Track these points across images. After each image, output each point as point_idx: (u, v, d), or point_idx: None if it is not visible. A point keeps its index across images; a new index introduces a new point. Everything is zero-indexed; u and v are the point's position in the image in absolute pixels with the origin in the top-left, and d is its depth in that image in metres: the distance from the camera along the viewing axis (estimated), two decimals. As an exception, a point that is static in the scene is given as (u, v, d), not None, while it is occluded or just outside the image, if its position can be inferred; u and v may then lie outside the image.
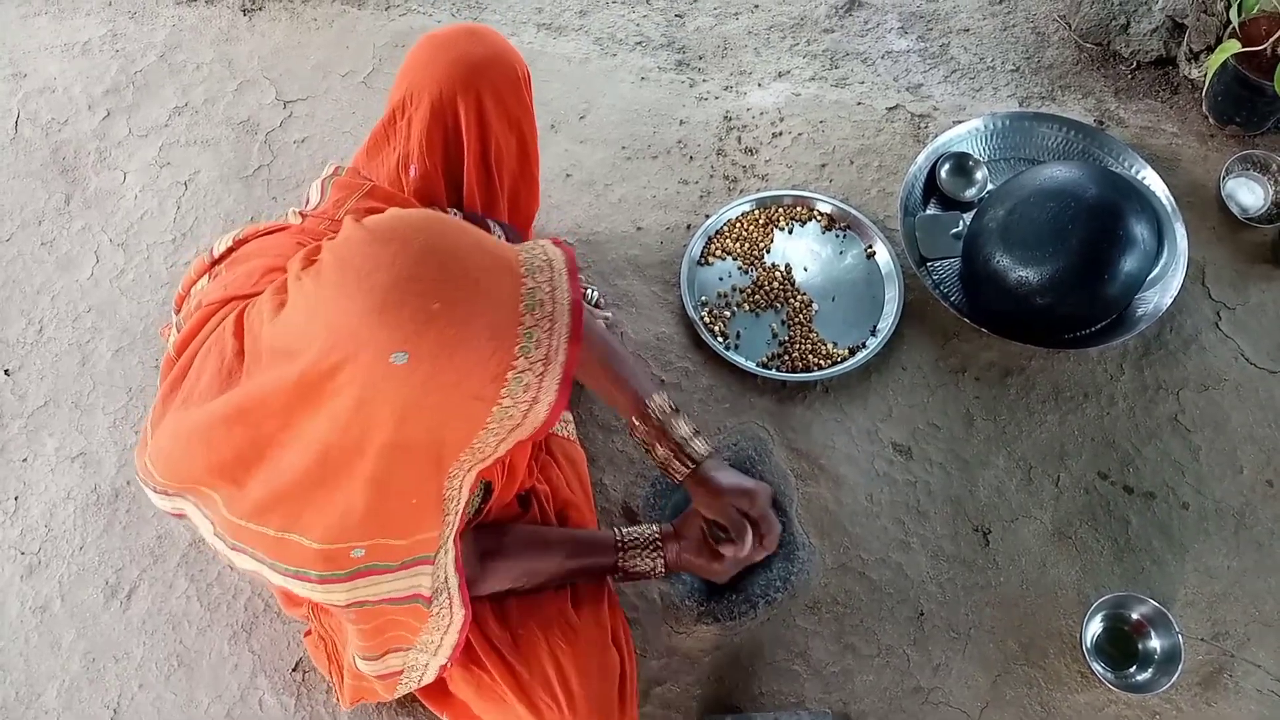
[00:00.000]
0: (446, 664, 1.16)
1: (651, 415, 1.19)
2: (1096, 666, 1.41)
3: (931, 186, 1.79)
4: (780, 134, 1.89)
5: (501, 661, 1.17)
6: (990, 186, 1.78)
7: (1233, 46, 1.62)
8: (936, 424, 1.61)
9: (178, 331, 1.15)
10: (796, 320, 1.68)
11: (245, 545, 0.97)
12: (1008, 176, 1.74)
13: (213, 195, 1.86)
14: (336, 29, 2.06)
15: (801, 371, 1.63)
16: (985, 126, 1.82)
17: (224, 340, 1.03)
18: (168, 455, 0.99)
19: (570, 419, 1.56)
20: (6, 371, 1.70)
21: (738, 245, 1.75)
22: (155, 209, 1.85)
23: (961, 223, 1.72)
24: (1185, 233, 1.66)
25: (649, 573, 1.26)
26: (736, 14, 2.09)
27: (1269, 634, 1.46)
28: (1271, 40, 1.67)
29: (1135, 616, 1.45)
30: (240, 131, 1.93)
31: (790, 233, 1.77)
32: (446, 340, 0.81)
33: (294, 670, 1.44)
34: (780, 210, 1.78)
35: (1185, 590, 1.49)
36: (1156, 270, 1.64)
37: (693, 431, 1.21)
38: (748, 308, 1.70)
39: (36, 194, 1.88)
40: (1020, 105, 1.93)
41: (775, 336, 1.68)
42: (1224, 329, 1.67)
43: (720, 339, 1.67)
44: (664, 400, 1.21)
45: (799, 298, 1.70)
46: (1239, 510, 1.54)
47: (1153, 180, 1.73)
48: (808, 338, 1.66)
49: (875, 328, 1.68)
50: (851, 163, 1.85)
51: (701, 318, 1.68)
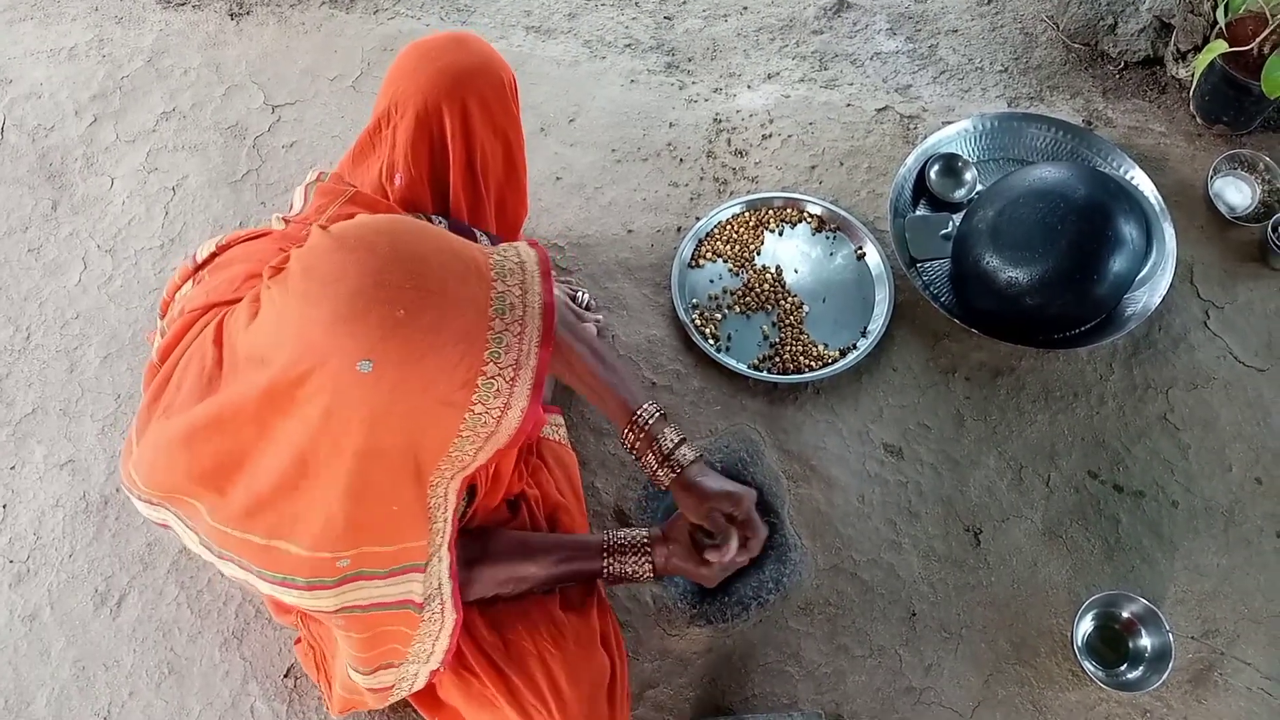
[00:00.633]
0: (438, 669, 1.16)
1: (639, 422, 1.19)
2: (1088, 665, 1.41)
3: (921, 187, 1.79)
4: (770, 136, 1.89)
5: (491, 666, 1.17)
6: (979, 187, 1.78)
7: (1220, 46, 1.63)
8: (927, 424, 1.61)
9: (161, 338, 1.15)
10: (787, 322, 1.68)
11: (232, 553, 0.97)
12: (997, 177, 1.74)
13: (201, 200, 1.85)
14: (324, 33, 2.05)
15: (793, 373, 1.63)
16: (974, 127, 1.82)
17: (204, 348, 1.03)
18: (150, 464, 0.98)
19: (561, 422, 1.55)
20: (-6, 379, 1.69)
21: (728, 247, 1.75)
22: (143, 214, 1.84)
23: (951, 224, 1.73)
24: (1174, 232, 1.67)
25: (637, 576, 1.25)
26: (725, 16, 2.09)
27: (1259, 631, 1.46)
28: (1258, 40, 1.68)
29: (1126, 615, 1.45)
30: (228, 136, 1.93)
31: (780, 234, 1.77)
32: (413, 347, 0.80)
33: (285, 677, 1.44)
34: (770, 212, 1.78)
35: (1175, 588, 1.49)
36: (1145, 270, 1.64)
37: (679, 438, 1.21)
38: (739, 310, 1.70)
39: (23, 200, 1.87)
40: (1009, 106, 1.93)
41: (766, 338, 1.68)
42: (1212, 328, 1.68)
43: (711, 341, 1.67)
44: (652, 408, 1.20)
45: (790, 299, 1.70)
46: (1228, 508, 1.54)
47: (1141, 180, 1.74)
48: (799, 339, 1.66)
49: (866, 329, 1.68)
50: (841, 164, 1.85)
51: (692, 320, 1.68)
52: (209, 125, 1.94)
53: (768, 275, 1.72)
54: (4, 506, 1.58)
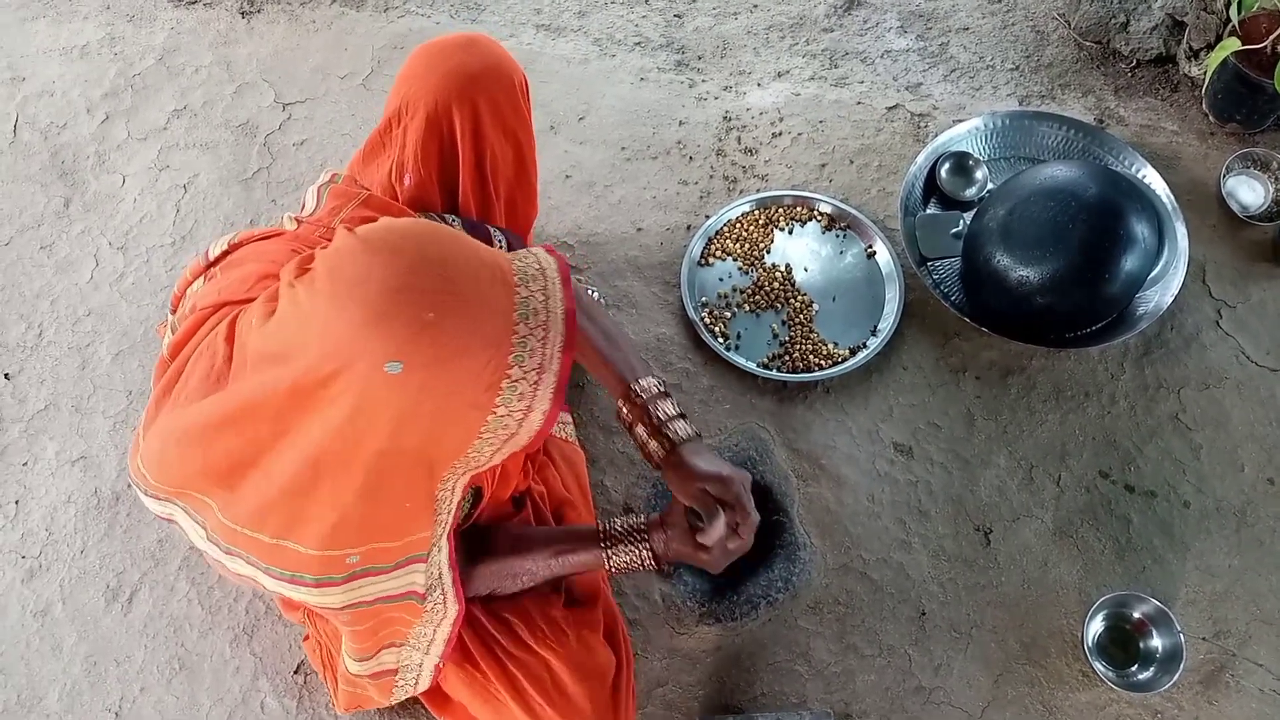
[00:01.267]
0: (439, 663, 1.16)
1: (635, 395, 1.13)
2: (1098, 665, 1.40)
3: (931, 186, 1.79)
4: (780, 134, 1.88)
5: (495, 662, 1.17)
6: (990, 186, 1.78)
7: (1233, 44, 1.62)
8: (937, 424, 1.61)
9: (172, 332, 1.15)
10: (797, 320, 1.68)
11: (240, 550, 0.97)
12: (1008, 176, 1.74)
13: (212, 198, 1.86)
14: (335, 31, 2.06)
15: (802, 372, 1.63)
16: (985, 125, 1.82)
17: (215, 345, 1.03)
18: (160, 459, 0.99)
19: (569, 420, 1.55)
20: (6, 375, 1.70)
21: (738, 246, 1.75)
22: (154, 212, 1.85)
23: (962, 222, 1.72)
24: (1186, 231, 1.66)
25: (638, 564, 1.20)
26: (735, 14, 2.09)
27: (1270, 632, 1.45)
28: (1271, 38, 1.67)
29: (1137, 615, 1.45)
30: (239, 134, 1.93)
31: (790, 233, 1.77)
32: (441, 349, 0.81)
33: (296, 673, 1.44)
34: (780, 210, 1.78)
35: (1186, 589, 1.49)
36: (1157, 269, 1.64)
37: (677, 414, 1.14)
38: (748, 308, 1.70)
39: (36, 198, 1.88)
40: (1020, 104, 1.93)
41: (776, 337, 1.68)
42: (1225, 327, 1.67)
43: (721, 340, 1.67)
44: (651, 382, 1.14)
45: (799, 298, 1.70)
46: (1240, 508, 1.54)
47: (1153, 179, 1.73)
48: (808, 338, 1.66)
49: (876, 328, 1.67)
50: (851, 162, 1.85)
51: (702, 318, 1.68)
52: (220, 123, 1.95)
53: (777, 273, 1.72)
54: (16, 502, 1.59)
